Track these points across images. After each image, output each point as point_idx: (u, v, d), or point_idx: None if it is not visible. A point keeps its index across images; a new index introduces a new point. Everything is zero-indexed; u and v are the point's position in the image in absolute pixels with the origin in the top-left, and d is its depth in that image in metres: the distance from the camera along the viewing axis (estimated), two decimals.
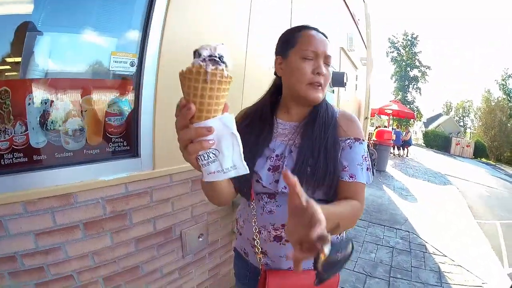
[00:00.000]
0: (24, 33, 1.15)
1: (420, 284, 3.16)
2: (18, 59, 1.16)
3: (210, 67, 0.56)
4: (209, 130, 0.58)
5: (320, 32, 1.06)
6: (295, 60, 1.02)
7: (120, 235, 1.52)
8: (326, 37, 1.07)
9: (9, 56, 1.14)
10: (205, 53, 0.57)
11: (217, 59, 0.57)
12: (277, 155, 1.04)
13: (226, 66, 0.58)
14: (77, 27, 1.32)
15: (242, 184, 1.06)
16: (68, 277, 1.35)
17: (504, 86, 31.17)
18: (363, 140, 1.06)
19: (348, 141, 1.03)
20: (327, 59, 1.03)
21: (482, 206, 7.27)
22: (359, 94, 7.66)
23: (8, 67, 1.16)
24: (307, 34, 1.04)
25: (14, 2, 1.16)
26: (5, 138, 1.15)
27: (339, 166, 1.00)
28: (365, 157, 1.03)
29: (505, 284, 3.40)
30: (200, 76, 0.56)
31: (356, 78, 6.97)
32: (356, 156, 1.01)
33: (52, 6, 1.24)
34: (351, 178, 0.99)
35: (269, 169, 1.02)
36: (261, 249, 1.07)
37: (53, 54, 1.27)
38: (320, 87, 1.02)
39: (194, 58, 0.59)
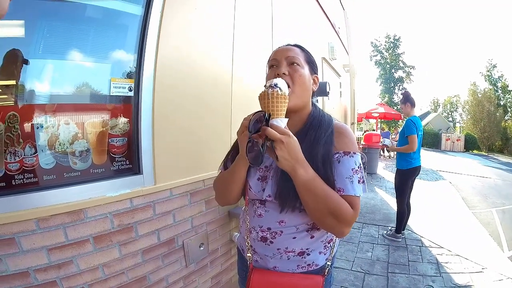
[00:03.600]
0: (21, 59, 1.24)
1: (419, 277, 3.20)
2: (21, 85, 1.25)
3: (270, 91, 0.94)
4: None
5: (288, 44, 1.19)
6: (268, 73, 1.17)
7: (128, 247, 1.60)
8: (297, 46, 1.19)
9: (13, 81, 1.23)
10: (267, 84, 0.97)
11: (273, 85, 0.95)
12: (266, 166, 1.13)
13: (280, 89, 0.95)
14: (77, 55, 1.44)
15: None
16: None
17: (490, 77, 31.76)
18: (355, 153, 1.07)
19: (337, 155, 1.05)
20: (290, 60, 1.11)
21: (476, 196, 7.32)
22: (344, 100, 7.77)
23: (14, 91, 1.24)
24: (273, 51, 1.19)
25: (13, 27, 1.24)
26: (15, 160, 1.23)
27: (331, 178, 1.03)
28: (356, 170, 1.04)
29: (506, 267, 3.44)
30: (265, 96, 0.95)
31: (340, 86, 7.09)
32: (344, 170, 1.03)
33: (52, 34, 1.36)
34: (339, 192, 1.01)
35: (258, 179, 1.13)
36: (252, 247, 1.19)
37: (57, 80, 1.39)
38: None
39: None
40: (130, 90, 1.61)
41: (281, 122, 0.94)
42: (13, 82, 1.23)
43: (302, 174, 0.94)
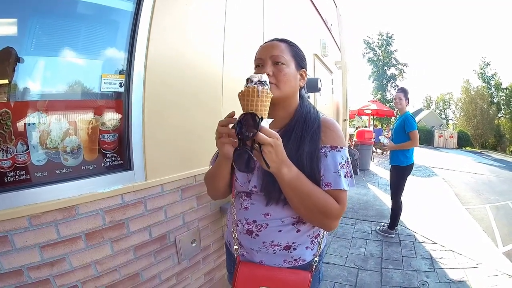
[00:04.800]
0: (15, 57, 1.24)
1: (413, 272, 3.22)
2: (13, 82, 1.25)
3: (260, 88, 0.90)
4: None
5: (273, 40, 1.18)
6: (254, 71, 1.16)
7: (120, 244, 1.61)
8: (283, 40, 1.17)
9: (6, 79, 1.23)
10: (255, 79, 0.93)
11: (263, 82, 0.92)
12: None
13: (269, 87, 0.93)
14: (68, 51, 1.43)
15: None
16: (73, 287, 1.42)
17: (483, 75, 32.00)
18: (341, 147, 1.08)
19: (324, 149, 1.07)
20: (274, 59, 1.10)
21: (469, 192, 7.38)
22: (336, 97, 7.81)
23: (5, 89, 1.23)
24: (260, 47, 1.19)
25: (5, 25, 1.24)
26: (7, 157, 1.23)
27: (317, 175, 1.05)
28: (343, 164, 1.06)
29: (500, 262, 3.46)
30: (255, 93, 0.90)
31: (332, 82, 7.12)
32: (331, 164, 1.05)
33: (45, 32, 1.35)
34: (326, 186, 1.04)
35: None
36: (238, 240, 1.20)
37: (49, 77, 1.39)
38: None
39: (247, 83, 0.93)
40: (121, 86, 1.61)
41: (267, 122, 0.93)
42: (5, 81, 1.23)
43: (286, 173, 0.96)
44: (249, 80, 0.94)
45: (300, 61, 1.18)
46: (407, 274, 3.18)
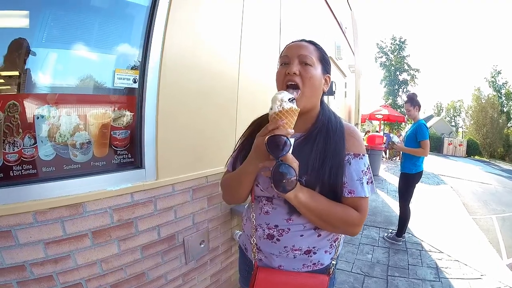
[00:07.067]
0: (26, 49, 1.21)
1: (418, 281, 3.18)
2: (23, 74, 1.22)
3: (288, 107, 0.94)
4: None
5: (302, 40, 1.14)
6: (278, 69, 1.12)
7: (127, 243, 1.57)
8: (311, 42, 1.14)
9: (16, 71, 1.20)
10: (284, 98, 0.95)
11: (291, 101, 0.95)
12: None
13: (295, 101, 0.97)
14: (81, 45, 1.39)
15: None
16: (77, 285, 1.39)
17: (494, 83, 31.66)
18: (364, 155, 1.09)
19: (348, 157, 1.07)
20: (302, 58, 1.07)
21: (477, 202, 7.32)
22: (348, 100, 7.78)
23: (15, 81, 1.21)
24: (286, 46, 1.15)
25: (17, 17, 1.21)
26: (14, 150, 1.20)
27: (340, 183, 1.05)
28: (365, 172, 1.08)
29: (505, 274, 3.43)
30: (292, 113, 0.95)
31: (345, 86, 7.09)
32: (354, 172, 1.06)
33: (55, 24, 1.31)
34: (350, 194, 1.05)
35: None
36: (257, 245, 1.16)
37: (60, 70, 1.35)
38: (293, 86, 1.05)
39: (275, 104, 0.95)
40: (135, 82, 1.57)
41: (292, 141, 0.94)
42: (16, 72, 1.20)
43: (300, 197, 0.97)
44: (276, 100, 0.95)
45: (326, 66, 1.15)
46: (413, 283, 3.15)
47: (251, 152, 1.03)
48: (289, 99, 0.94)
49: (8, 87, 1.20)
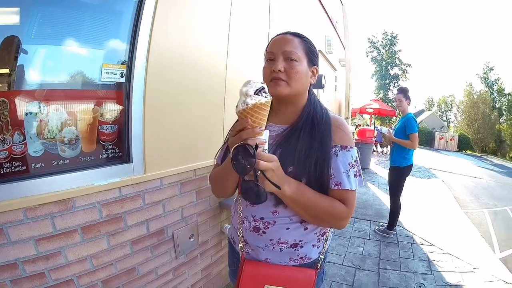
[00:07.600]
0: (17, 46, 1.21)
1: (410, 273, 3.18)
2: (13, 71, 1.22)
3: (255, 101, 0.84)
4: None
5: (287, 33, 1.12)
6: (264, 65, 1.11)
7: (116, 238, 1.58)
8: (296, 35, 1.11)
9: (4, 68, 1.19)
10: (250, 90, 0.85)
11: (261, 91, 0.86)
12: None
13: (267, 89, 0.88)
14: (68, 40, 1.39)
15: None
16: (69, 281, 1.40)
17: (486, 79, 32.10)
18: (351, 147, 1.08)
19: (334, 149, 1.06)
20: (286, 54, 1.05)
21: (468, 196, 7.34)
22: (338, 94, 7.80)
23: (6, 79, 1.20)
24: (271, 39, 1.14)
25: (7, 14, 1.21)
26: (3, 147, 1.20)
27: (326, 175, 1.04)
28: (352, 164, 1.06)
29: (497, 268, 3.44)
30: (262, 107, 0.85)
31: (335, 79, 7.11)
32: (341, 164, 1.04)
33: (44, 20, 1.31)
34: (336, 186, 1.04)
35: None
36: (243, 238, 1.17)
37: (48, 66, 1.35)
38: (278, 82, 1.04)
39: (244, 97, 0.86)
40: (122, 76, 1.57)
41: (266, 134, 0.91)
42: (6, 70, 1.20)
43: (287, 189, 0.96)
44: (241, 95, 0.87)
45: (312, 58, 1.13)
46: (404, 276, 3.15)
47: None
48: (256, 90, 0.86)
49: None
